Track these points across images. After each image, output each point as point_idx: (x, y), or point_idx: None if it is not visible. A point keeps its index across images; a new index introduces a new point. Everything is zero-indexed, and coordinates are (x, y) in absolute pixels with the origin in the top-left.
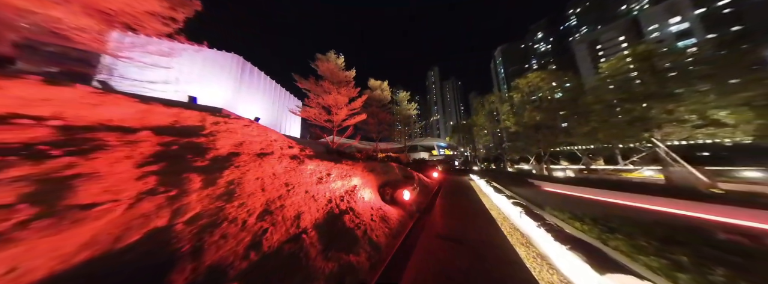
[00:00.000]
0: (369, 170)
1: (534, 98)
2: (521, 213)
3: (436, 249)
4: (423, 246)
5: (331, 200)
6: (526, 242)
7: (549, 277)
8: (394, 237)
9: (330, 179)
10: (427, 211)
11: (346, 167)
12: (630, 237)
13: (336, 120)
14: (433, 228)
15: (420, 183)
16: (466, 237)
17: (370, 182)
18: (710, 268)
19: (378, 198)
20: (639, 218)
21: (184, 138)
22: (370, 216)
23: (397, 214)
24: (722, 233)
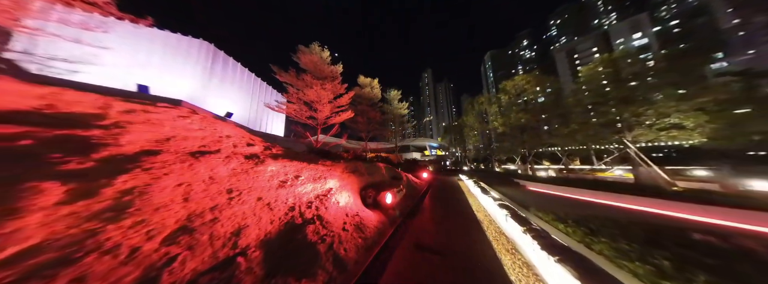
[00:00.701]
0: (350, 171)
1: (520, 101)
2: (507, 216)
3: (415, 263)
4: (399, 261)
5: (293, 208)
6: (511, 248)
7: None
8: (368, 249)
9: (297, 183)
10: (411, 215)
11: (323, 168)
12: (612, 239)
13: (320, 117)
14: (414, 236)
15: (408, 184)
16: (449, 246)
17: (350, 185)
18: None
19: (358, 202)
20: (616, 217)
21: (54, 130)
22: (343, 225)
23: (377, 220)
24: (694, 233)
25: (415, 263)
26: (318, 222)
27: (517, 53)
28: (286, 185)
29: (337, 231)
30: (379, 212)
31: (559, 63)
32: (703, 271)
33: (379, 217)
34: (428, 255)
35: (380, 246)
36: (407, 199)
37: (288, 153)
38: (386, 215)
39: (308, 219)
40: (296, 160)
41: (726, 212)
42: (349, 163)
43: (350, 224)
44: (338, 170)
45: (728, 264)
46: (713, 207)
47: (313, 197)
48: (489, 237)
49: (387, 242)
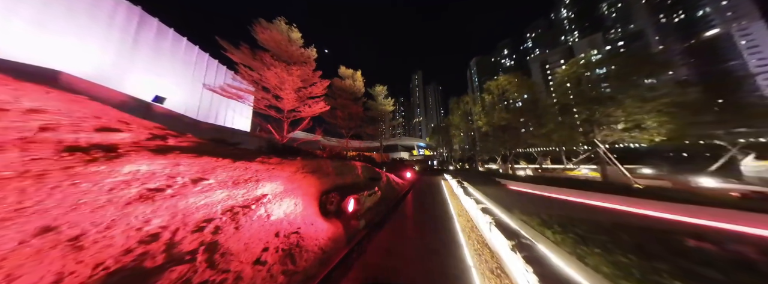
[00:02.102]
0: (309, 171)
1: (502, 101)
2: (491, 224)
3: None
4: None
5: (157, 236)
6: (496, 267)
7: None
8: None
9: (191, 191)
10: (379, 226)
11: (259, 168)
12: (605, 249)
13: (285, 107)
14: (373, 259)
15: (388, 186)
16: (419, 273)
17: (303, 188)
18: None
19: (313, 210)
20: (599, 219)
21: None
22: (260, 254)
23: (330, 236)
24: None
25: None
26: (203, 256)
27: (498, 61)
28: (154, 197)
29: (240, 267)
30: (338, 222)
31: (534, 72)
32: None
33: (336, 230)
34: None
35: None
36: (382, 203)
37: (199, 147)
38: (346, 226)
39: (183, 253)
40: (209, 156)
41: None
42: (310, 161)
43: (277, 249)
44: (288, 169)
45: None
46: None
47: (221, 210)
48: (469, 254)
49: (329, 273)
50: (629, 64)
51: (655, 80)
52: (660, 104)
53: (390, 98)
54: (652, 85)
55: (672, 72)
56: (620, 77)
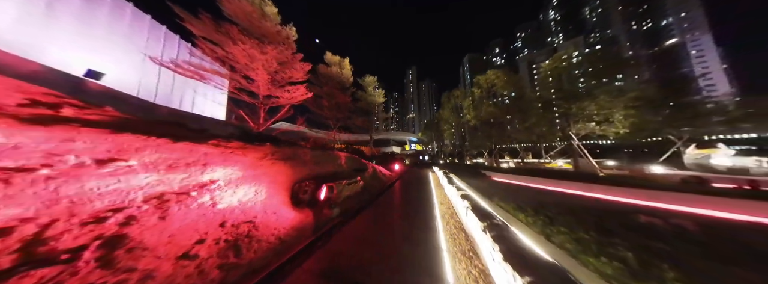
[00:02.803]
0: (279, 158)
1: (490, 95)
2: (467, 209)
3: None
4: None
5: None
6: (469, 249)
7: None
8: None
9: (87, 174)
10: (354, 214)
11: (211, 151)
12: (570, 229)
13: (259, 92)
14: (341, 244)
15: (373, 176)
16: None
17: (270, 175)
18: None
19: (280, 199)
20: (567, 202)
21: None
22: (192, 246)
23: (293, 226)
24: (639, 215)
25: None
26: (95, 254)
27: (489, 59)
28: (10, 180)
29: (154, 264)
30: (309, 211)
31: (522, 71)
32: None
33: (304, 219)
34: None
35: (261, 276)
36: (364, 193)
37: (120, 122)
38: (318, 215)
39: (57, 252)
40: (134, 133)
41: (637, 192)
42: (283, 148)
43: (219, 241)
44: (252, 155)
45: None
46: (629, 189)
47: (143, 198)
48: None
49: (283, 264)
50: (603, 64)
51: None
52: (627, 98)
53: (381, 90)
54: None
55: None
56: (595, 74)
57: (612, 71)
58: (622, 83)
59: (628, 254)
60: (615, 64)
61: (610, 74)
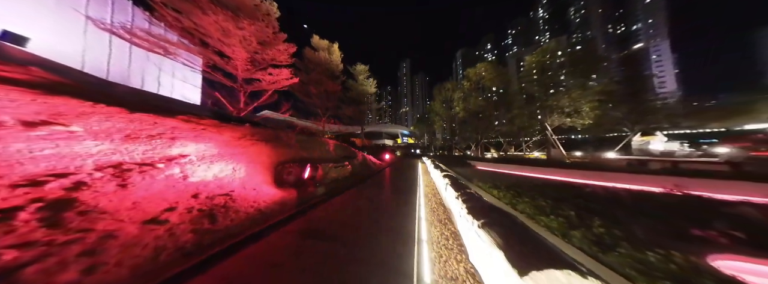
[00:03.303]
0: (260, 140)
1: (478, 88)
2: (447, 185)
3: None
4: (247, 257)
5: None
6: (445, 218)
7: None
8: (196, 245)
9: (7, 135)
10: (344, 191)
11: (180, 126)
12: (532, 199)
13: (238, 73)
14: (321, 216)
15: (363, 163)
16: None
17: (249, 155)
18: (590, 220)
19: (262, 177)
20: (535, 183)
21: None
22: (160, 212)
23: (274, 201)
24: (586, 189)
25: (283, 254)
26: (33, 215)
27: (482, 54)
28: None
29: (116, 226)
30: (293, 190)
31: (510, 67)
32: (598, 217)
33: (287, 196)
34: (315, 242)
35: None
36: (352, 177)
37: (54, 85)
38: (303, 193)
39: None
40: (76, 98)
41: (590, 174)
42: (263, 130)
43: (191, 210)
44: (228, 134)
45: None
46: (585, 171)
47: (95, 165)
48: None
49: (263, 230)
50: (580, 62)
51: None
52: (593, 92)
53: (372, 80)
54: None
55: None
56: (571, 72)
57: (586, 69)
58: (593, 81)
59: (571, 213)
60: (589, 63)
61: (584, 72)
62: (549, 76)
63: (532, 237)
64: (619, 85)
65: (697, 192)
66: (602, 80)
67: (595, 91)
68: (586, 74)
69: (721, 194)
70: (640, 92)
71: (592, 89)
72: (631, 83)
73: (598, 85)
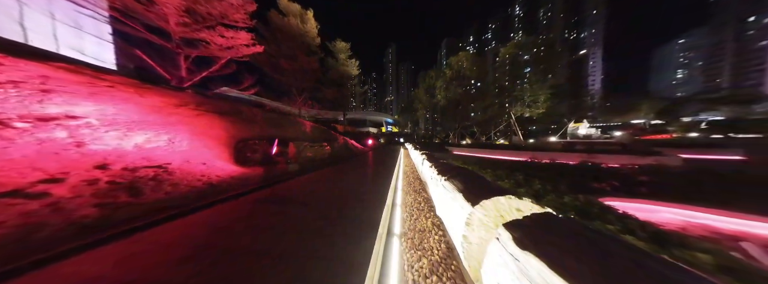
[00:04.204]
0: (210, 111)
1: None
2: (424, 159)
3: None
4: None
5: None
6: (420, 188)
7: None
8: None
9: None
10: (320, 168)
11: (59, 77)
12: (493, 170)
13: (172, 29)
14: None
15: (345, 147)
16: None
17: (195, 127)
18: (531, 181)
19: (219, 152)
20: (497, 161)
21: None
22: (28, 184)
23: (232, 175)
24: (532, 162)
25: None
26: None
27: (464, 46)
28: None
29: None
30: (258, 167)
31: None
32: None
33: (250, 172)
34: (278, 207)
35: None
36: (331, 158)
37: None
38: (271, 169)
39: None
40: None
41: (536, 154)
42: (216, 101)
43: (94, 181)
44: (153, 98)
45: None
46: (532, 152)
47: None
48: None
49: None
50: (541, 60)
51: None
52: (548, 86)
53: (355, 60)
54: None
55: (558, 77)
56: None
57: (546, 67)
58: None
59: (520, 177)
60: (549, 61)
61: (544, 69)
62: (518, 68)
63: (486, 183)
64: (566, 83)
65: (599, 161)
66: (555, 77)
67: (550, 85)
68: (546, 71)
69: (612, 162)
70: (578, 90)
71: (548, 82)
72: (573, 82)
73: (552, 80)
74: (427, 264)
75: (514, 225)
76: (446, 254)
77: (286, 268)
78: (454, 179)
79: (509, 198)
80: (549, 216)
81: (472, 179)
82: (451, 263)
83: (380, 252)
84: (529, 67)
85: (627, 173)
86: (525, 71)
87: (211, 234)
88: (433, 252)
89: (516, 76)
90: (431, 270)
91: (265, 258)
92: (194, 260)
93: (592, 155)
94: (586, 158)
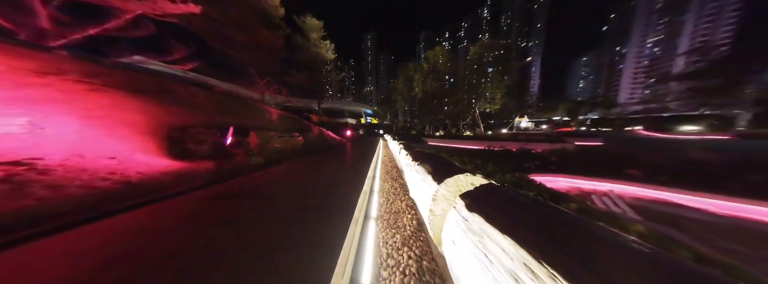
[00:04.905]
0: (113, 87)
1: (436, 71)
2: (401, 148)
3: None
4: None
5: None
6: (397, 176)
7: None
8: None
9: None
10: (288, 160)
11: None
12: (460, 156)
13: None
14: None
15: (320, 137)
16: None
17: (87, 109)
18: (487, 163)
19: (139, 143)
20: (463, 149)
21: None
22: None
23: (163, 171)
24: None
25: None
26: None
27: (440, 42)
28: None
29: None
30: (206, 161)
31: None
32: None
33: (190, 166)
34: (229, 205)
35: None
36: (304, 149)
37: None
38: (224, 163)
39: None
40: None
41: (491, 143)
42: (118, 71)
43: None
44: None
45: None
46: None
47: None
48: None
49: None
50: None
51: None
52: (503, 86)
53: (330, 43)
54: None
55: (511, 78)
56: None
57: (504, 69)
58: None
59: (478, 162)
60: (506, 64)
61: (502, 71)
62: (483, 68)
63: (450, 165)
64: (516, 83)
65: (531, 148)
66: (509, 78)
67: (505, 84)
68: (503, 72)
69: (538, 148)
70: (524, 91)
71: (504, 82)
72: (521, 84)
73: (507, 81)
74: (400, 238)
75: (466, 195)
76: (417, 228)
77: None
78: (425, 163)
79: (466, 176)
80: (491, 186)
81: (440, 163)
82: (421, 235)
83: (356, 235)
84: (491, 68)
85: (545, 156)
86: (488, 71)
87: (111, 247)
88: (405, 229)
89: (481, 74)
90: (403, 243)
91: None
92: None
93: (526, 144)
94: (523, 146)
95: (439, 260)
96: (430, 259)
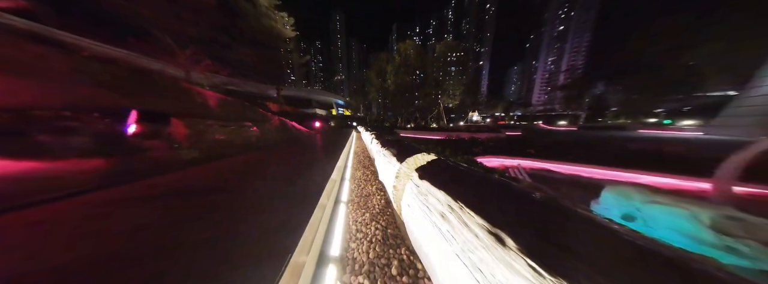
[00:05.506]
0: None
1: (407, 65)
2: (373, 138)
3: None
4: None
5: None
6: (370, 165)
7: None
8: None
9: None
10: (225, 156)
11: None
12: (426, 145)
13: None
14: (168, 183)
15: (281, 128)
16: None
17: None
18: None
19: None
20: (429, 139)
21: None
22: None
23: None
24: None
25: None
26: None
27: (411, 35)
28: None
29: None
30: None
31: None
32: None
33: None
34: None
35: None
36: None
37: None
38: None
39: None
40: None
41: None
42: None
43: None
44: None
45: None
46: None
47: None
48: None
49: None
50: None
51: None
52: (461, 84)
53: (289, 17)
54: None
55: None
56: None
57: (463, 69)
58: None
59: (439, 149)
60: (464, 64)
61: (462, 70)
62: (447, 66)
63: (412, 147)
64: (472, 83)
65: (478, 137)
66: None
67: (463, 83)
68: (463, 72)
69: (483, 137)
70: (477, 89)
71: (463, 81)
72: (475, 83)
73: (466, 80)
74: (369, 216)
75: (420, 168)
76: (384, 206)
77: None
78: (392, 148)
79: (423, 155)
80: (439, 160)
81: (404, 147)
82: (387, 210)
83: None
84: (453, 67)
85: (486, 142)
86: (450, 69)
87: None
88: (375, 208)
89: (445, 72)
90: (371, 219)
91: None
92: None
93: (476, 134)
94: (472, 135)
95: (402, 228)
96: (395, 227)
